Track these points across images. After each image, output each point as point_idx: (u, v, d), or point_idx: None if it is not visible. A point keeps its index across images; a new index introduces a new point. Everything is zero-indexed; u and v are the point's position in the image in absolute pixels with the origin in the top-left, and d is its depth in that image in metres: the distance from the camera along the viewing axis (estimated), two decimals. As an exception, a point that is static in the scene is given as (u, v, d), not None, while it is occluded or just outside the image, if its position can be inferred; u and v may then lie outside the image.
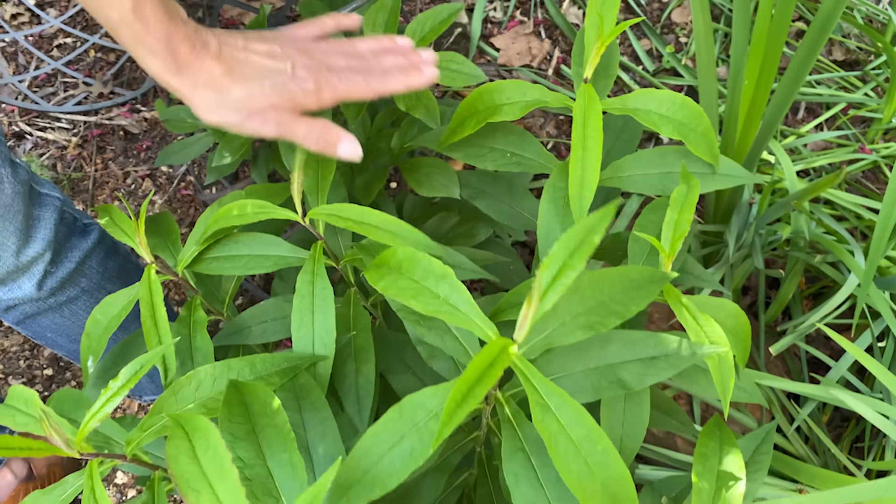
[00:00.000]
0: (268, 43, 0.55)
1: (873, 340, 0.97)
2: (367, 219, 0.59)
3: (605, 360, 0.51)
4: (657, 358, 0.51)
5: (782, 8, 0.85)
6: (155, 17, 0.46)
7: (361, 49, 0.60)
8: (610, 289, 0.49)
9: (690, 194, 0.60)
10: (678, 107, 0.61)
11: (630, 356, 0.51)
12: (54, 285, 0.73)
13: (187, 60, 0.48)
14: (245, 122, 0.52)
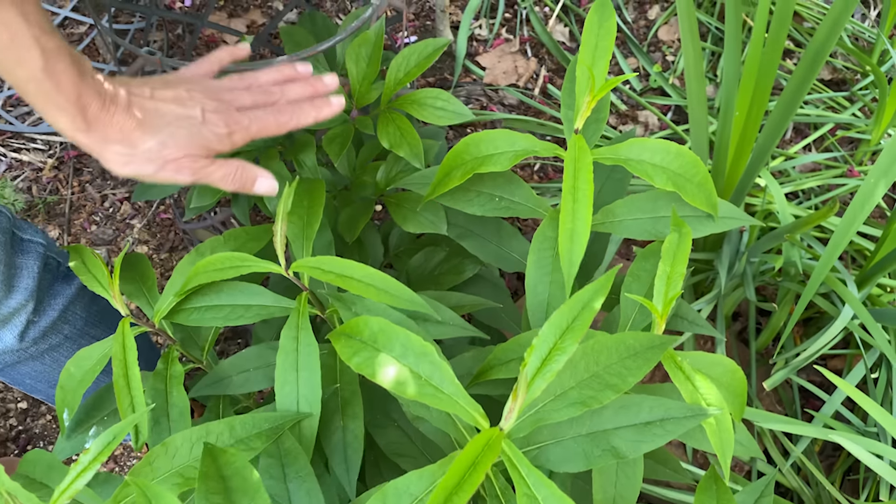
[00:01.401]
0: (173, 88, 0.54)
1: (867, 372, 0.96)
2: (350, 272, 0.57)
3: (597, 427, 0.49)
4: (652, 423, 0.49)
5: (773, 40, 0.84)
6: (66, 75, 0.45)
7: (264, 81, 0.60)
8: (606, 359, 0.47)
9: (682, 244, 0.58)
10: (673, 156, 0.59)
11: (624, 422, 0.49)
12: (37, 335, 0.70)
13: (97, 116, 0.48)
14: (159, 171, 0.52)
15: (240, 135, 0.55)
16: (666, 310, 0.53)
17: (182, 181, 0.54)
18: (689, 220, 0.64)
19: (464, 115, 0.73)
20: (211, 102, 0.54)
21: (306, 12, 0.97)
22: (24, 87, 0.45)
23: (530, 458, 0.46)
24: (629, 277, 0.63)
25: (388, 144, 0.74)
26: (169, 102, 0.52)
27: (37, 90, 0.45)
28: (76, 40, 1.62)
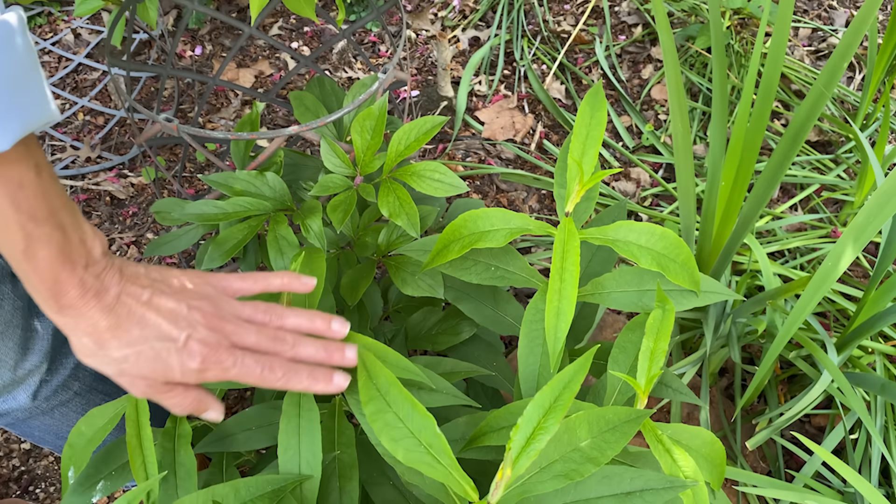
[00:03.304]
0: (178, 299, 0.50)
1: (846, 434, 0.99)
2: (351, 341, 0.60)
3: (581, 496, 0.52)
4: (633, 493, 0.52)
5: (758, 116, 0.89)
6: (47, 262, 0.44)
7: (287, 324, 0.55)
8: (586, 433, 0.51)
9: (666, 320, 0.62)
10: (657, 238, 0.64)
11: (606, 492, 0.52)
12: (49, 393, 0.73)
13: (72, 304, 0.46)
14: (118, 378, 0.50)
15: (213, 373, 0.50)
16: (648, 386, 0.57)
17: (135, 394, 0.52)
18: (673, 294, 0.68)
19: (459, 187, 0.77)
20: (204, 331, 0.50)
21: (315, 77, 1.02)
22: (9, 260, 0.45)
23: None
24: (616, 349, 0.66)
25: (387, 213, 0.78)
26: (160, 315, 0.49)
27: (17, 268, 0.45)
28: (89, 86, 1.68)
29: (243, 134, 0.80)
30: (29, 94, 0.41)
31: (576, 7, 1.81)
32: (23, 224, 0.42)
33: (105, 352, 0.48)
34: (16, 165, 0.41)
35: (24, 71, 0.41)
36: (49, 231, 0.44)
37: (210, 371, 0.50)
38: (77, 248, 0.46)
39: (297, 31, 1.78)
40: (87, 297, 0.46)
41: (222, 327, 0.51)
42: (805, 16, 1.82)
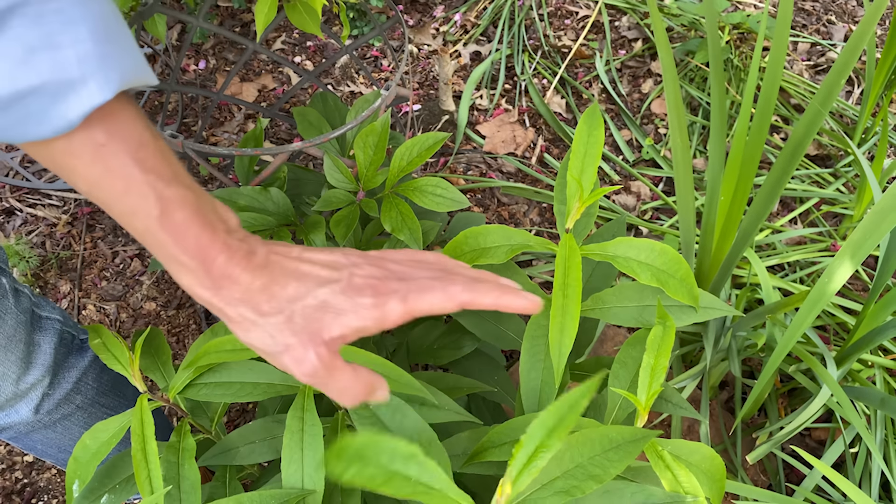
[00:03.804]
0: (331, 252, 0.46)
1: (845, 448, 0.99)
2: (352, 357, 0.61)
3: None
4: None
5: (756, 134, 0.90)
6: (186, 225, 0.40)
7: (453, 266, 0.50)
8: (589, 451, 0.51)
9: (666, 336, 0.62)
10: (657, 254, 0.64)
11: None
12: (51, 407, 0.73)
13: (223, 272, 0.41)
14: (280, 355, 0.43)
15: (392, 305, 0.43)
16: (649, 402, 0.58)
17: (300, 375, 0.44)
18: (672, 310, 0.69)
19: (460, 202, 0.78)
20: (368, 267, 0.45)
21: (318, 93, 1.03)
22: (143, 239, 0.40)
23: None
24: (616, 364, 0.67)
25: (390, 228, 0.79)
26: (315, 265, 0.44)
27: (153, 241, 0.40)
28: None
29: (247, 150, 0.81)
30: (122, 45, 0.38)
31: (576, 22, 1.83)
32: (153, 184, 0.39)
33: (265, 319, 0.42)
34: (130, 123, 0.38)
35: (115, 23, 0.38)
36: (181, 191, 0.40)
37: (388, 303, 0.43)
38: (211, 211, 0.42)
39: (300, 45, 1.80)
40: (237, 260, 0.42)
41: (385, 265, 0.46)
42: (804, 30, 1.83)
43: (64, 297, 1.37)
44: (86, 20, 0.36)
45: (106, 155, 0.38)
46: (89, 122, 0.37)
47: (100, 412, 0.80)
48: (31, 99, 0.35)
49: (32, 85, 0.34)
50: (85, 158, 0.37)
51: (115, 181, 0.38)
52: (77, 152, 0.37)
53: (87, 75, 0.35)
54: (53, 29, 0.34)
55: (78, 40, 0.35)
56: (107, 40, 0.36)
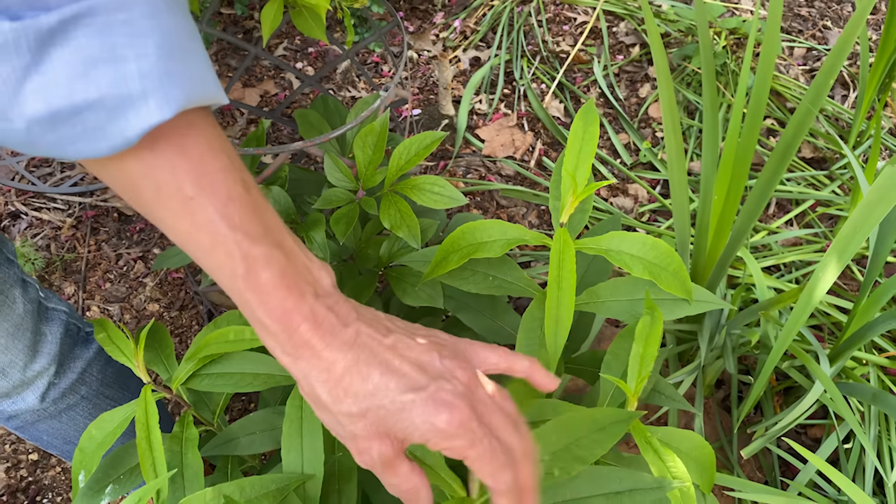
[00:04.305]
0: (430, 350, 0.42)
1: (839, 444, 1.00)
2: None
3: (573, 495, 0.54)
4: (622, 493, 0.54)
5: (748, 134, 0.92)
6: (271, 286, 0.38)
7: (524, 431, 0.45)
8: (575, 432, 0.53)
9: (654, 327, 0.64)
10: (649, 248, 0.66)
11: (597, 491, 0.54)
12: (56, 396, 0.75)
13: (305, 342, 0.39)
14: (350, 441, 0.41)
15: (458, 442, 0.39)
16: (638, 388, 0.59)
17: (362, 464, 0.42)
18: (666, 304, 0.70)
19: (458, 199, 0.80)
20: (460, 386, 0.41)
21: (319, 96, 1.05)
22: (230, 294, 0.39)
23: None
24: (609, 356, 0.68)
25: (389, 225, 0.80)
26: (406, 362, 0.41)
27: (238, 299, 0.39)
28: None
29: (249, 149, 0.83)
30: (191, 62, 0.36)
31: (574, 28, 1.85)
32: (239, 242, 0.37)
33: (338, 407, 0.40)
34: (221, 176, 0.37)
35: (187, 39, 0.36)
36: (268, 250, 0.38)
37: (456, 438, 0.39)
38: (303, 273, 0.40)
39: (302, 51, 1.82)
40: (322, 332, 0.39)
41: (476, 392, 0.42)
42: (800, 35, 1.85)
43: (68, 298, 1.38)
44: (154, 33, 0.34)
45: (193, 208, 0.36)
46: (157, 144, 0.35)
47: (104, 404, 0.82)
48: (87, 113, 0.33)
49: (90, 99, 0.32)
50: (173, 208, 0.36)
51: (201, 236, 0.37)
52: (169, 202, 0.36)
53: (147, 91, 0.33)
54: (118, 41, 0.33)
55: (142, 54, 0.33)
56: (173, 56, 0.34)
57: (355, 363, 0.40)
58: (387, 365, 0.40)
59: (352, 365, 0.40)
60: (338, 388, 0.40)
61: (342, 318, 0.40)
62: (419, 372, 0.40)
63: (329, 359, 0.39)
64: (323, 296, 0.40)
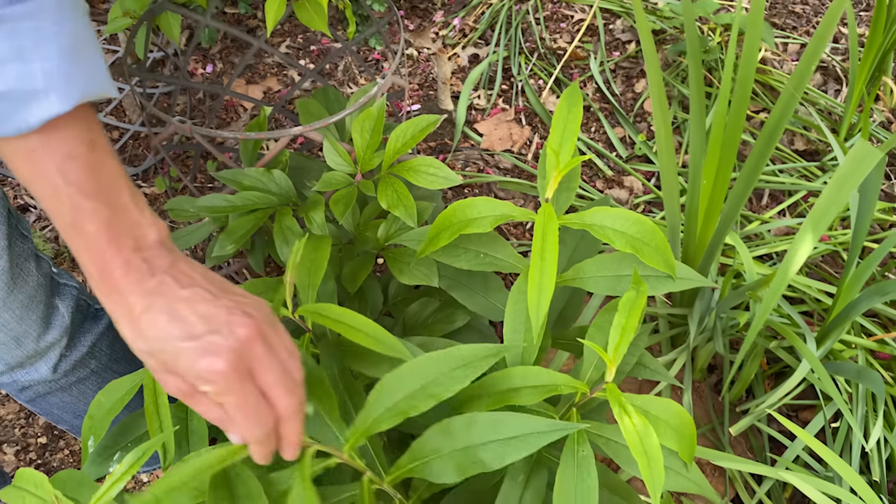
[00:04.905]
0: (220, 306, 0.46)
1: (825, 423, 1.03)
2: (346, 319, 0.65)
3: (469, 441, 0.54)
4: (517, 437, 0.54)
5: (734, 118, 0.95)
6: (94, 238, 0.43)
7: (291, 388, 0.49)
8: (435, 371, 0.54)
9: (638, 300, 0.66)
10: (631, 223, 0.69)
11: (493, 437, 0.54)
12: (67, 368, 0.79)
13: (116, 286, 0.44)
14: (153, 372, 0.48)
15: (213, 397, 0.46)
16: (616, 356, 0.62)
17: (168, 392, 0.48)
18: (650, 280, 0.73)
19: (452, 180, 0.83)
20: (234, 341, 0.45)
21: (320, 88, 1.09)
22: (64, 238, 0.45)
23: (418, 472, 0.53)
24: (592, 328, 0.71)
25: (386, 205, 0.84)
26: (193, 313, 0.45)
27: (69, 243, 0.45)
28: (104, 102, 1.75)
29: (251, 134, 0.87)
30: (89, 63, 0.43)
31: (571, 25, 1.88)
32: (71, 195, 0.42)
33: (136, 344, 0.46)
34: (68, 136, 0.42)
35: (85, 42, 0.43)
36: (96, 205, 0.43)
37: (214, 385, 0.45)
38: (128, 228, 0.45)
39: (305, 49, 1.86)
40: (129, 280, 0.44)
41: (252, 350, 0.46)
42: (794, 32, 1.88)
43: (77, 288, 1.42)
44: (58, 39, 0.41)
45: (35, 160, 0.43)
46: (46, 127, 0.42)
47: (113, 378, 0.85)
48: None
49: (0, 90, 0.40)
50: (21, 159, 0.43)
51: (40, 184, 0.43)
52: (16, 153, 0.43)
53: (50, 88, 0.41)
54: (26, 45, 0.40)
55: (46, 57, 0.41)
56: (73, 59, 0.42)
57: (149, 309, 0.44)
58: (174, 314, 0.45)
59: (146, 310, 0.44)
60: (135, 328, 0.45)
61: (152, 270, 0.45)
62: (202, 323, 0.45)
63: (131, 303, 0.45)
64: (143, 249, 0.45)
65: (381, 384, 0.53)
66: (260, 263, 1.00)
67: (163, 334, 0.44)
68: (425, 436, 0.54)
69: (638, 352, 0.76)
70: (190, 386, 0.46)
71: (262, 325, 0.47)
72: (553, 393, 0.62)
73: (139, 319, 0.45)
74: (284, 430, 0.48)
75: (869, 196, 0.86)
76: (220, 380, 0.44)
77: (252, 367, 0.46)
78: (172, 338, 0.44)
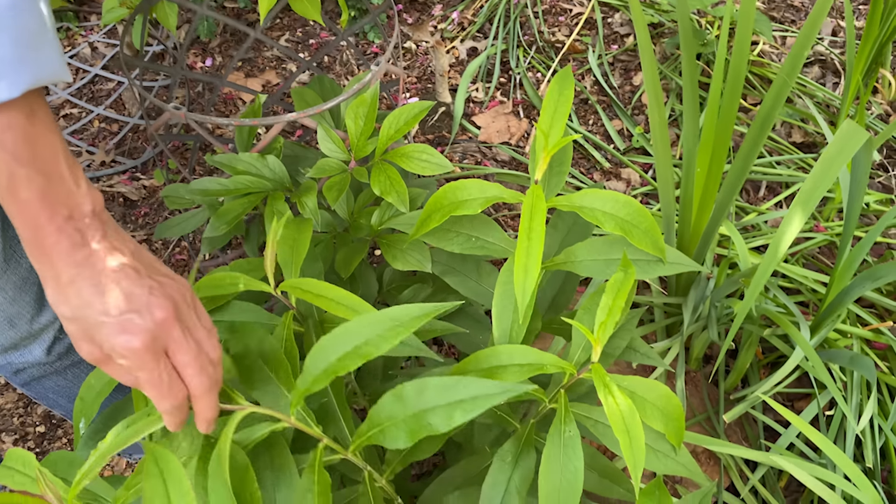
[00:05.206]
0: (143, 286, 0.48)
1: (819, 411, 1.03)
2: (325, 293, 0.65)
3: (421, 406, 0.55)
4: (464, 400, 0.54)
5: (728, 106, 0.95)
6: (28, 204, 0.45)
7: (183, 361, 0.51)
8: (368, 332, 0.54)
9: (626, 281, 0.67)
10: (621, 205, 0.69)
11: (442, 401, 0.54)
12: (62, 350, 0.79)
13: (47, 252, 0.46)
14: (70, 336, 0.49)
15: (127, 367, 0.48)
16: (601, 335, 0.62)
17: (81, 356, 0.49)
18: (641, 264, 0.73)
19: (444, 166, 0.83)
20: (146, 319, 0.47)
21: (316, 76, 1.09)
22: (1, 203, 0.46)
23: (375, 439, 0.54)
24: (581, 310, 0.71)
25: (378, 191, 0.84)
26: (116, 288, 0.47)
27: (6, 209, 0.46)
28: (104, 95, 1.76)
29: (245, 120, 0.87)
30: (43, 51, 0.45)
31: (570, 19, 1.89)
32: (7, 161, 0.44)
33: (59, 308, 0.48)
34: (10, 110, 0.44)
35: (40, 31, 0.45)
36: (30, 173, 0.45)
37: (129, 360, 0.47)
38: (62, 197, 0.46)
39: (303, 43, 1.86)
40: (60, 248, 0.46)
41: (169, 332, 0.49)
42: (793, 26, 1.88)
43: (75, 279, 1.43)
44: (12, 27, 0.43)
45: None
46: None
47: (106, 362, 0.86)
48: None
49: None
50: None
51: None
52: None
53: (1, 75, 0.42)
54: None
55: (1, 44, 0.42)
56: (29, 46, 0.43)
57: (76, 279, 0.47)
58: (98, 287, 0.47)
59: (73, 280, 0.47)
60: (60, 294, 0.47)
61: (84, 240, 0.47)
62: (123, 301, 0.47)
63: (59, 269, 0.47)
64: (77, 219, 0.47)
65: (317, 346, 0.54)
66: (255, 251, 1.01)
67: (85, 305, 0.46)
68: (380, 403, 0.55)
69: (629, 336, 0.77)
70: (105, 355, 0.49)
71: (181, 308, 0.50)
72: (539, 372, 0.62)
73: (65, 287, 0.47)
74: (196, 406, 0.51)
75: (859, 179, 0.86)
76: (134, 357, 0.47)
77: (167, 346, 0.49)
78: (94, 310, 0.46)
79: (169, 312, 0.48)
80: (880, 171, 1.55)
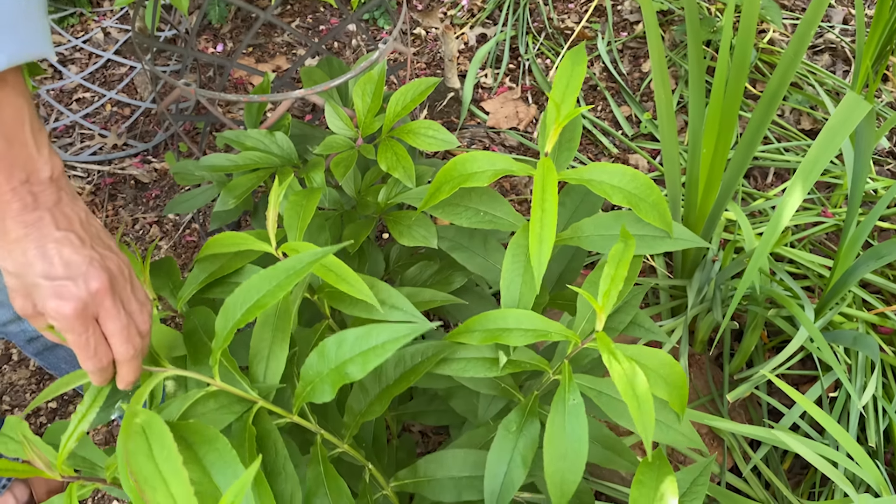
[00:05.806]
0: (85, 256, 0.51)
1: (822, 392, 1.03)
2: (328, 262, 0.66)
3: (341, 358, 0.58)
4: (377, 346, 0.57)
5: (734, 85, 0.95)
6: None
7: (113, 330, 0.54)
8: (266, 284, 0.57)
9: (626, 252, 0.67)
10: (629, 178, 0.69)
11: (357, 350, 0.58)
12: None
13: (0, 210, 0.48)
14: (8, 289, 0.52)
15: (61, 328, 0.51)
16: (605, 303, 0.63)
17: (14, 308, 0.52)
18: (647, 239, 0.73)
19: (450, 142, 0.84)
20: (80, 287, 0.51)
21: (325, 57, 1.10)
22: None
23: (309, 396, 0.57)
24: (587, 284, 0.72)
25: (385, 167, 0.85)
26: (58, 254, 0.50)
27: None
28: (116, 80, 1.78)
29: (254, 96, 0.88)
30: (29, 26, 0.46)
31: (579, 6, 1.89)
32: None
33: (4, 263, 0.50)
34: None
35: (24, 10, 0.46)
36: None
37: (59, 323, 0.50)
38: (20, 161, 0.48)
39: (314, 28, 1.87)
40: (12, 208, 0.48)
41: (102, 301, 0.52)
42: (803, 13, 1.88)
43: (87, 259, 1.44)
44: None
45: None
46: None
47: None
48: None
49: None
50: None
51: None
52: None
53: None
54: None
55: None
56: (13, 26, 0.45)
57: (23, 239, 0.49)
58: (43, 249, 0.49)
59: (20, 239, 0.49)
60: (5, 249, 0.49)
61: (36, 204, 0.49)
62: (63, 267, 0.50)
63: (8, 227, 0.49)
64: (33, 183, 0.49)
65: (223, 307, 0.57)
66: (263, 225, 1.02)
67: (27, 264, 0.49)
68: (307, 362, 0.58)
69: (633, 311, 0.77)
70: (37, 312, 0.52)
71: (117, 280, 0.53)
72: (543, 338, 0.63)
73: (12, 244, 0.49)
74: (119, 370, 0.56)
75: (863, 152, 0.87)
76: (63, 321, 0.50)
77: (98, 314, 0.52)
78: (34, 271, 0.49)
79: (104, 283, 0.51)
80: (889, 158, 1.55)
